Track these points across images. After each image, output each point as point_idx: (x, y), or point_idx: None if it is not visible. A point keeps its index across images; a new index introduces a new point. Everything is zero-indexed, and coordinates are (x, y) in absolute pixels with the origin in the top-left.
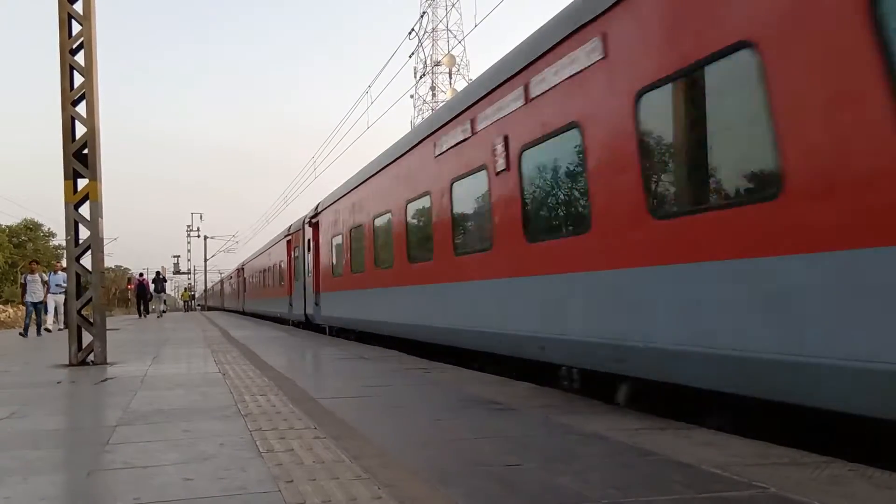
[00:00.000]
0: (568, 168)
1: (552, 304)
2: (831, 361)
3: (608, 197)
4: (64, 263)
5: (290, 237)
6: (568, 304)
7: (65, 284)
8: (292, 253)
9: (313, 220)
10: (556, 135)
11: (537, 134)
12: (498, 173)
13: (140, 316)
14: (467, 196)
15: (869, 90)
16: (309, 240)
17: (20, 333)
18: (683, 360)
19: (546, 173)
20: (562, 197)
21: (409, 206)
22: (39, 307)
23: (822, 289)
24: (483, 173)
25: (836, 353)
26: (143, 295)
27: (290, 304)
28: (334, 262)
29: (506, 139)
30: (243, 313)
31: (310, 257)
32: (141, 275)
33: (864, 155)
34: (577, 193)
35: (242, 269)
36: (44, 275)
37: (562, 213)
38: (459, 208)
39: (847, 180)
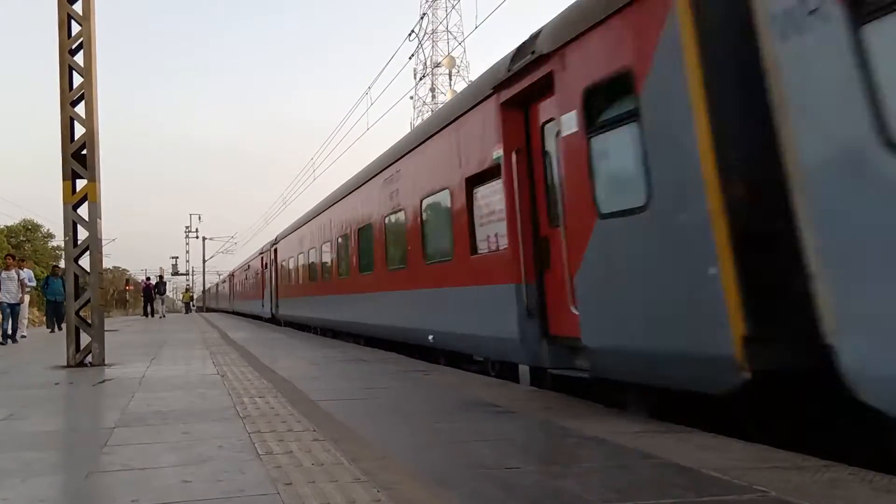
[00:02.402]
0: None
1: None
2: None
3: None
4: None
5: (262, 255)
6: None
7: (30, 283)
8: (263, 267)
9: (274, 246)
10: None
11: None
12: (344, 236)
13: (148, 315)
14: (334, 249)
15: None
16: (273, 259)
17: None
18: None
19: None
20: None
21: (321, 246)
22: (17, 309)
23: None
24: (329, 240)
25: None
26: (149, 297)
27: (262, 306)
28: (285, 277)
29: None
30: (233, 313)
31: (273, 272)
32: (148, 279)
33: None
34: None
35: (232, 275)
36: (21, 272)
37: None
38: (325, 257)
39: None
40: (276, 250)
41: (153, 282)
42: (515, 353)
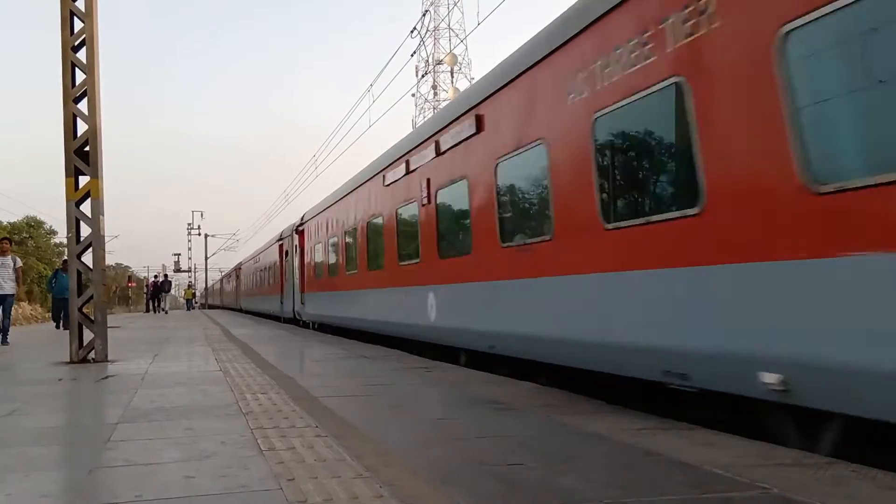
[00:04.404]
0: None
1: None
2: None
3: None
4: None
5: (236, 270)
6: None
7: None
8: (236, 278)
9: (238, 267)
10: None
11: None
12: (267, 268)
13: (154, 311)
14: (262, 273)
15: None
16: (239, 274)
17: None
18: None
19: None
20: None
21: (244, 276)
22: (10, 302)
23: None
24: (248, 274)
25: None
26: (156, 294)
27: (236, 302)
28: (246, 285)
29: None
30: (223, 307)
31: (239, 282)
32: (156, 276)
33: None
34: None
35: (222, 280)
36: (18, 259)
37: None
38: (248, 280)
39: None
40: (239, 268)
41: (160, 280)
42: (300, 316)
